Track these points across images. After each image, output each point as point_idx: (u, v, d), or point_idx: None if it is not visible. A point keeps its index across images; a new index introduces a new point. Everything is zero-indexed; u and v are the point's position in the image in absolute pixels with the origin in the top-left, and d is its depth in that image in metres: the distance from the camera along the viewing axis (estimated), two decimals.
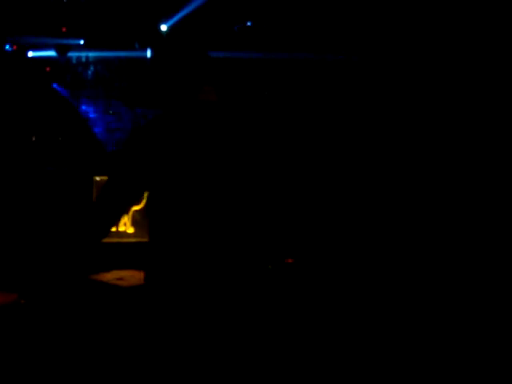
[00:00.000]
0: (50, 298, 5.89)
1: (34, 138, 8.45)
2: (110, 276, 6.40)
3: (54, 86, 9.00)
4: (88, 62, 9.45)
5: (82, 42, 9.17)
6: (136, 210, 7.85)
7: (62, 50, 9.01)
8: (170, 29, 8.80)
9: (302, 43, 8.86)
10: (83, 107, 9.08)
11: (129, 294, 5.97)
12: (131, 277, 6.40)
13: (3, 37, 8.42)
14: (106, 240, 7.58)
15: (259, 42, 8.87)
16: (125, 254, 7.54)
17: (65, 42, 9.02)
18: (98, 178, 7.74)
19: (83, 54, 9.35)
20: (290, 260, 7.60)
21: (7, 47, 8.56)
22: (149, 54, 9.24)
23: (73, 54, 9.35)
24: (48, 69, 9.27)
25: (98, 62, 9.41)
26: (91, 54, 9.33)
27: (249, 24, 8.68)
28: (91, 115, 9.01)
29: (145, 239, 7.98)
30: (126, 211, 7.70)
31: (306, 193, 8.42)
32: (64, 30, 9.01)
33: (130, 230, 7.81)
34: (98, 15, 8.77)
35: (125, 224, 7.66)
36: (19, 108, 8.39)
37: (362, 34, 8.42)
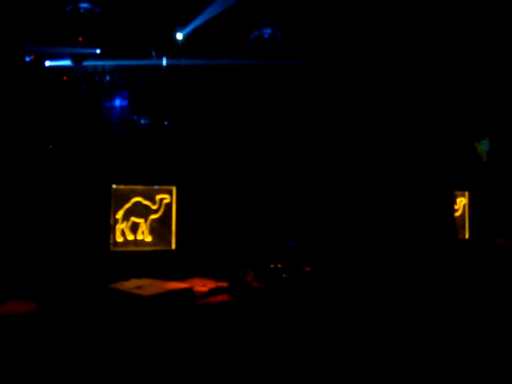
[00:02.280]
0: (70, 307, 5.94)
1: (51, 146, 8.54)
2: (129, 285, 6.43)
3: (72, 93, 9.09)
4: (104, 70, 9.53)
5: (98, 51, 9.26)
6: (154, 219, 7.91)
7: (77, 59, 9.11)
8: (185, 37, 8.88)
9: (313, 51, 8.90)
10: (101, 115, 9.15)
11: (148, 302, 6.00)
12: (150, 285, 6.43)
13: (22, 47, 8.53)
14: (123, 248, 7.67)
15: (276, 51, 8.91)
16: (143, 263, 7.60)
17: (81, 51, 9.11)
18: (115, 186, 7.82)
19: (99, 63, 9.44)
20: (308, 268, 7.62)
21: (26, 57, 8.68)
22: (164, 62, 9.32)
23: (89, 63, 9.43)
24: (65, 78, 9.36)
25: (113, 70, 9.49)
26: (107, 63, 9.41)
27: (267, 33, 8.72)
28: (110, 123, 9.08)
29: (162, 247, 8.07)
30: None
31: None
32: (81, 39, 9.10)
33: (148, 239, 7.87)
34: (114, 25, 8.86)
35: (142, 232, 7.72)
36: (37, 116, 8.49)
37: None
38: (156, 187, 7.62)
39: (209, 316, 6.07)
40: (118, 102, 9.27)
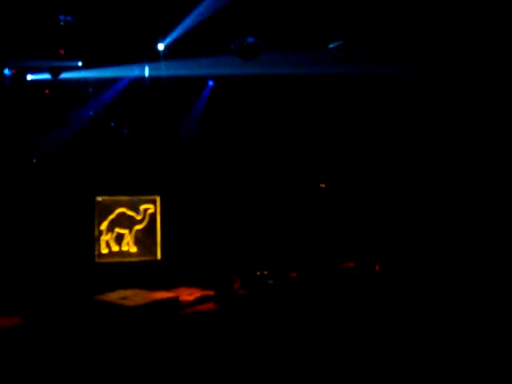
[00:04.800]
0: (55, 319, 5.88)
1: (34, 160, 8.48)
2: (115, 296, 6.39)
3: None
4: (86, 83, 9.49)
5: (79, 63, 9.22)
6: (138, 229, 7.88)
7: (54, 71, 9.05)
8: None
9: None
10: (84, 128, 9.09)
11: (134, 313, 5.96)
12: (135, 296, 6.40)
13: (2, 61, 8.47)
14: (109, 260, 7.62)
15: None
16: (129, 274, 7.55)
17: (63, 64, 9.06)
18: (99, 199, 7.79)
19: (82, 76, 9.39)
20: (294, 274, 7.63)
21: (6, 71, 8.61)
22: (147, 73, 9.31)
23: (71, 76, 9.39)
24: (47, 91, 9.31)
25: (96, 83, 9.45)
26: (89, 75, 9.37)
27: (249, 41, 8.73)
28: (91, 136, 9.01)
29: (148, 258, 8.03)
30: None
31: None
32: (62, 52, 9.06)
33: (133, 250, 7.83)
34: (95, 37, 8.84)
35: (127, 243, 7.68)
36: (19, 130, 8.42)
37: None
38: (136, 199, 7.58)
39: (195, 325, 6.04)
40: (100, 114, 9.22)
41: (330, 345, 5.53)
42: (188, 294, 6.90)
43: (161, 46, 9.01)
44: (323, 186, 8.99)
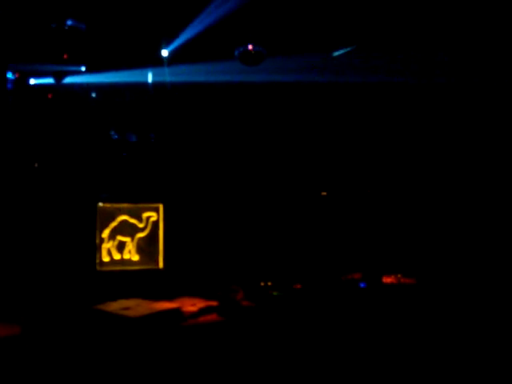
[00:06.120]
0: (55, 329, 5.75)
1: (36, 165, 8.38)
2: (116, 306, 6.25)
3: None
4: (89, 88, 9.41)
5: (83, 68, 9.16)
6: (141, 238, 7.74)
7: (58, 76, 9.00)
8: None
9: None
10: (87, 133, 9.00)
11: (136, 324, 5.82)
12: (137, 306, 6.26)
13: (6, 65, 8.40)
14: (110, 268, 7.50)
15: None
16: (130, 282, 7.42)
17: (66, 68, 9.00)
18: (101, 205, 7.67)
19: (84, 80, 9.33)
20: (298, 285, 7.50)
21: (10, 75, 8.54)
22: (150, 78, 9.24)
23: (75, 81, 9.32)
24: (50, 95, 9.23)
25: (99, 88, 9.38)
26: (92, 80, 9.30)
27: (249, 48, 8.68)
28: (95, 141, 8.93)
29: (150, 266, 7.90)
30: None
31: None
32: (65, 57, 9.00)
33: (135, 258, 7.70)
34: (99, 42, 8.78)
35: (129, 251, 7.55)
36: (22, 135, 8.34)
37: None
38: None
39: (198, 337, 5.92)
40: (103, 120, 9.14)
41: (334, 357, 5.43)
42: (191, 305, 6.77)
43: (165, 53, 8.96)
44: (324, 194, 8.91)
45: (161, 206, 7.79)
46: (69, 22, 8.24)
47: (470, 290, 7.05)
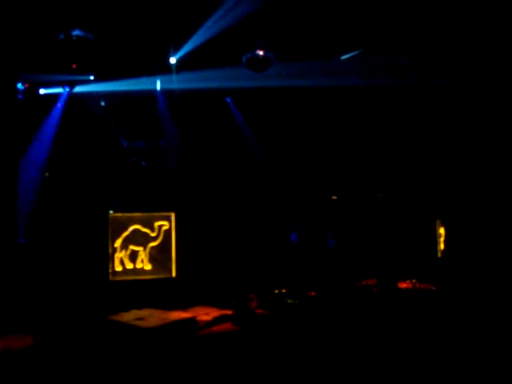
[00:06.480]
0: (68, 340, 5.70)
1: (47, 174, 8.40)
2: (130, 316, 6.19)
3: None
4: (98, 96, 9.42)
5: (91, 77, 9.18)
6: (153, 247, 7.70)
7: (67, 86, 9.04)
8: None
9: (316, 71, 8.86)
10: (97, 141, 9.00)
11: (150, 335, 5.76)
12: (151, 316, 6.20)
13: (16, 75, 8.44)
14: (123, 278, 7.44)
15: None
16: (143, 292, 7.37)
17: (75, 78, 9.03)
18: (112, 214, 7.62)
19: (93, 89, 9.35)
20: (313, 293, 7.42)
21: (19, 85, 8.58)
22: (158, 86, 9.23)
23: (83, 90, 9.35)
24: (60, 105, 9.26)
25: (107, 96, 9.39)
26: (101, 89, 9.32)
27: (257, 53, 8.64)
28: (105, 151, 8.92)
29: (163, 275, 7.85)
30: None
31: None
32: (74, 66, 9.02)
33: (148, 267, 7.65)
34: (107, 51, 8.79)
35: (142, 261, 7.51)
36: (33, 144, 8.36)
37: None
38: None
39: (213, 346, 5.84)
40: (114, 128, 9.14)
41: (350, 365, 5.34)
42: (205, 314, 6.70)
43: (173, 60, 8.95)
44: (335, 198, 8.85)
45: (173, 215, 7.74)
46: (77, 32, 8.25)
47: (488, 296, 6.93)
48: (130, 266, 7.44)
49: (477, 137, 8.44)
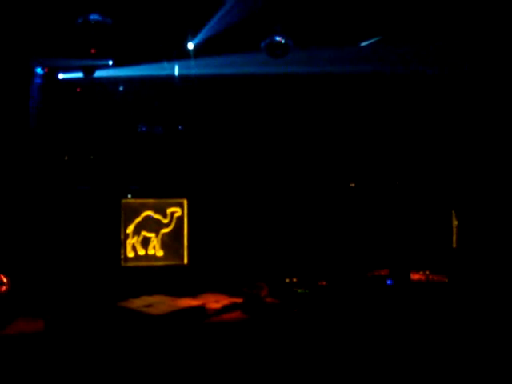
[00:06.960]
0: (78, 325, 5.78)
1: (66, 158, 8.47)
2: (139, 303, 6.24)
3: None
4: (116, 82, 9.43)
5: (110, 62, 9.18)
6: (165, 233, 7.74)
7: (87, 70, 9.06)
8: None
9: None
10: (114, 126, 9.03)
11: (159, 322, 5.80)
12: (160, 303, 6.24)
13: (35, 60, 8.50)
14: (135, 264, 7.52)
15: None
16: (154, 278, 7.43)
17: (94, 62, 9.04)
18: (124, 200, 7.67)
19: (112, 74, 9.35)
20: (324, 282, 7.37)
21: (39, 70, 8.64)
22: (176, 71, 9.19)
23: (102, 75, 9.36)
24: (79, 89, 9.31)
25: (125, 81, 9.39)
26: (119, 74, 9.33)
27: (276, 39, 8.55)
28: (121, 135, 8.95)
29: (174, 262, 7.89)
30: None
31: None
32: (93, 51, 9.04)
33: (160, 254, 7.70)
34: (125, 36, 8.78)
35: (154, 247, 7.56)
36: (52, 128, 8.44)
37: None
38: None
39: (222, 335, 5.87)
40: (129, 114, 9.15)
41: (361, 355, 5.32)
42: (215, 301, 6.73)
43: (190, 45, 8.90)
44: (353, 185, 8.75)
45: (185, 202, 7.75)
46: (95, 17, 8.25)
47: (502, 290, 6.80)
48: (142, 252, 7.50)
49: (499, 127, 8.22)
